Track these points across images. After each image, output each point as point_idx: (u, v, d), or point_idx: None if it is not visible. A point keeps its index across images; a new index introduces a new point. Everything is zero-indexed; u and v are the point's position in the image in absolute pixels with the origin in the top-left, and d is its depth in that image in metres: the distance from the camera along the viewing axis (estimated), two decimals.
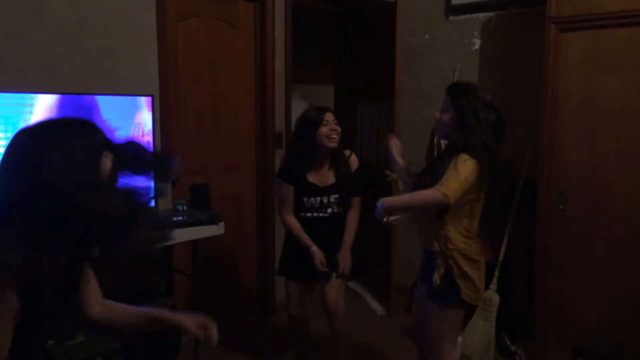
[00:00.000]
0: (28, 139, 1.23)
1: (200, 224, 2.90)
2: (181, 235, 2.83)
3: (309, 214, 2.82)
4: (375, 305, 4.16)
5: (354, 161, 2.88)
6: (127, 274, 3.01)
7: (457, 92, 2.25)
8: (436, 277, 2.23)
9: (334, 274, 2.81)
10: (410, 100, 4.05)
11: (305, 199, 2.78)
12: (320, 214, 2.82)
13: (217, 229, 2.96)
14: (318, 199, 2.78)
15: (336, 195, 2.79)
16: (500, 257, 3.25)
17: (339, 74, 5.12)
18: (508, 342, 3.30)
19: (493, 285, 3.22)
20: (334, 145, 2.69)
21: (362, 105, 4.53)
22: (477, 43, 3.74)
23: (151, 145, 2.89)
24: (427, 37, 3.97)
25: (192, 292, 3.11)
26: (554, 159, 3.03)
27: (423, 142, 3.74)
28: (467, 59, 3.78)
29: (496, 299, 3.21)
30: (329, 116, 2.70)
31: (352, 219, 2.87)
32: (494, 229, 2.45)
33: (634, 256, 2.84)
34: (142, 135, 2.85)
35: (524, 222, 3.26)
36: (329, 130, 2.67)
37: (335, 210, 2.82)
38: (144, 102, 2.86)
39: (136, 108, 2.83)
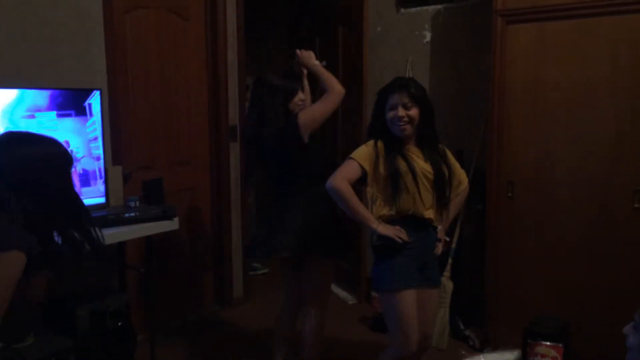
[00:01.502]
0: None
1: (153, 219, 2.85)
2: (135, 231, 2.78)
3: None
4: (344, 295, 4.19)
5: None
6: (80, 271, 2.95)
7: (413, 88, 2.31)
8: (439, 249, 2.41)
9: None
10: None
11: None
12: None
13: (171, 224, 2.92)
14: None
15: None
16: (453, 245, 3.34)
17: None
18: (462, 327, 3.40)
19: (447, 272, 3.30)
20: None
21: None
22: (428, 35, 3.79)
23: (101, 140, 2.82)
24: (379, 29, 4.00)
25: (147, 288, 3.06)
26: (502, 148, 3.11)
27: None
28: (418, 52, 3.84)
29: (450, 285, 3.29)
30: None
31: None
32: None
33: (579, 241, 2.96)
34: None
35: (474, 210, 3.34)
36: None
37: None
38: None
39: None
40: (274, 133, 2.60)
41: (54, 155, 1.64)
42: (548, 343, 2.82)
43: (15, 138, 1.64)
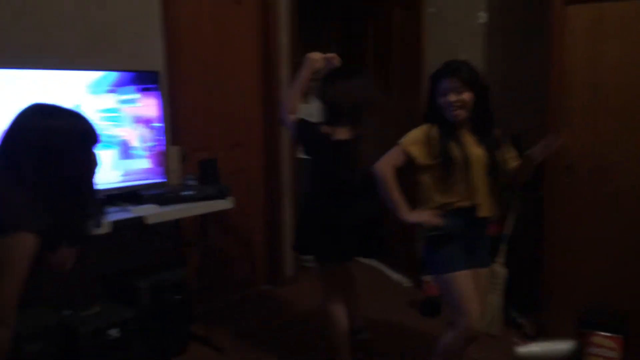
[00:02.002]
0: (33, 114, 1.60)
1: (209, 198, 2.93)
2: (191, 209, 2.87)
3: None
4: (398, 277, 4.21)
5: None
6: (139, 246, 3.08)
7: (465, 71, 2.27)
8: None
9: None
10: None
11: None
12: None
13: (225, 203, 2.99)
14: None
15: None
16: (508, 231, 3.28)
17: (345, 47, 5.10)
18: (515, 314, 3.35)
19: (500, 259, 3.25)
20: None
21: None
22: (484, 16, 3.71)
23: (160, 121, 2.91)
24: (432, 10, 3.94)
25: (202, 264, 3.16)
26: (561, 132, 3.03)
27: None
28: (473, 33, 3.76)
29: (503, 272, 3.25)
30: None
31: None
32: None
33: (639, 228, 2.86)
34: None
35: (531, 196, 3.28)
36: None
37: None
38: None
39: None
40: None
41: (79, 130, 1.63)
42: (606, 334, 2.75)
43: (42, 109, 1.63)
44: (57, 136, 1.56)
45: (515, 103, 3.53)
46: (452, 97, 2.24)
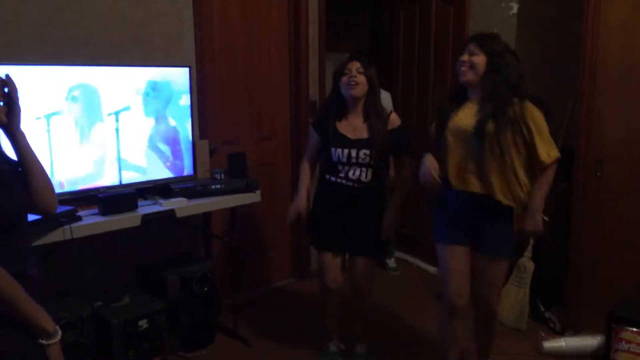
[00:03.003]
0: None
1: (237, 191, 2.97)
2: (219, 202, 2.91)
3: (333, 178, 2.68)
4: (427, 267, 4.25)
5: (393, 120, 2.68)
6: (167, 238, 3.14)
7: (485, 37, 2.31)
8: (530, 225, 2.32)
9: (367, 253, 2.74)
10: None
11: (333, 149, 2.64)
12: (344, 182, 2.65)
13: (253, 197, 3.03)
14: (346, 151, 2.61)
15: (366, 151, 2.59)
16: None
17: (374, 42, 5.09)
18: (542, 309, 3.32)
19: (528, 253, 3.22)
20: (352, 92, 2.59)
21: (400, 74, 4.49)
22: (515, 7, 3.65)
23: (190, 115, 2.96)
24: None
25: (230, 257, 3.21)
26: (592, 125, 2.97)
27: None
28: (504, 24, 3.70)
29: (530, 265, 3.22)
30: (352, 65, 2.61)
31: (403, 177, 2.72)
32: None
33: None
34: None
35: (559, 189, 3.22)
36: (348, 78, 2.60)
37: (363, 175, 2.63)
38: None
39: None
40: None
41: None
42: (635, 329, 2.70)
43: None
44: None
45: (546, 94, 3.46)
46: (464, 57, 2.30)
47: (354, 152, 2.61)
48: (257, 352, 3.07)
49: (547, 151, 2.25)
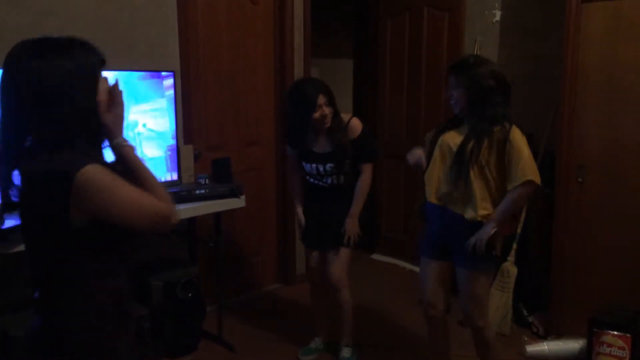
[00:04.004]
0: (27, 53, 1.31)
1: (222, 197, 2.97)
2: (204, 208, 2.91)
3: (311, 180, 2.86)
4: (412, 267, 4.29)
5: (355, 126, 2.76)
6: (153, 244, 3.13)
7: (461, 70, 2.31)
8: (498, 251, 2.36)
9: (342, 246, 2.83)
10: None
11: (304, 163, 2.83)
12: (320, 183, 2.83)
13: (238, 202, 3.03)
14: (314, 165, 2.77)
15: (331, 165, 2.73)
16: (519, 230, 3.28)
17: (360, 47, 5.11)
18: (525, 313, 3.35)
19: (511, 257, 3.25)
20: (327, 126, 2.70)
21: (387, 82, 4.51)
22: (498, 14, 3.70)
23: (174, 120, 2.95)
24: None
25: (215, 262, 3.20)
26: (573, 131, 3.02)
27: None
28: (487, 31, 3.75)
29: (514, 270, 3.24)
30: (321, 99, 2.63)
31: (362, 185, 2.80)
32: None
33: None
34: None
35: (541, 194, 3.26)
36: (320, 115, 2.65)
37: (336, 181, 2.79)
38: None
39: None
40: None
41: (89, 66, 1.36)
42: (615, 332, 2.74)
43: (37, 46, 1.31)
44: (65, 77, 1.30)
45: (528, 101, 3.52)
46: (449, 92, 2.36)
47: (321, 167, 2.77)
48: (242, 358, 3.06)
49: (523, 171, 2.22)
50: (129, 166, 1.39)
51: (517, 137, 2.25)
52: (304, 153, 2.80)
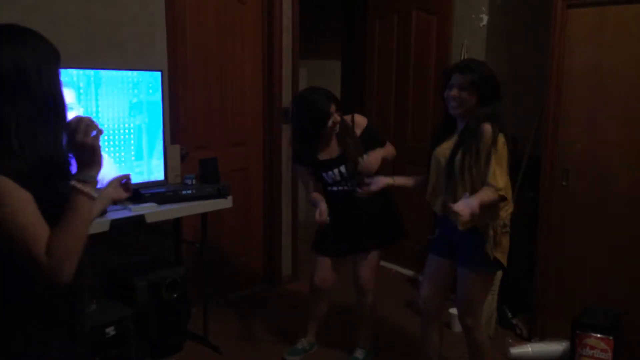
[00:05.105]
0: None
1: (208, 197, 2.96)
2: (191, 208, 2.90)
3: (334, 188, 2.83)
4: (407, 272, 4.33)
5: (360, 121, 2.83)
6: (137, 244, 3.11)
7: (468, 68, 2.31)
8: (489, 252, 2.33)
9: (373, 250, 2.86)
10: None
11: (324, 174, 2.81)
12: (345, 188, 2.80)
13: (225, 202, 3.02)
14: (335, 170, 2.77)
15: (346, 166, 2.76)
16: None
17: (347, 48, 5.13)
18: (509, 315, 3.38)
19: None
20: (337, 131, 2.73)
21: (375, 83, 4.52)
22: (485, 19, 3.73)
23: (161, 120, 2.94)
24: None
25: (201, 263, 3.19)
26: (557, 135, 3.05)
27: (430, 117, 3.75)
28: (474, 35, 3.78)
29: (498, 273, 3.26)
30: (332, 108, 2.66)
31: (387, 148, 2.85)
32: None
33: (634, 231, 2.88)
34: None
35: (526, 197, 3.30)
36: (333, 123, 2.67)
37: (358, 182, 2.72)
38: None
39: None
40: None
41: (45, 48, 1.33)
42: (598, 335, 2.77)
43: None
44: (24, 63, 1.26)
45: (514, 105, 3.55)
46: (454, 92, 2.31)
47: (342, 168, 2.76)
48: (228, 359, 3.04)
49: (496, 182, 2.21)
50: (67, 209, 1.23)
51: (501, 147, 2.24)
52: (320, 166, 2.79)
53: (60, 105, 1.31)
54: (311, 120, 2.67)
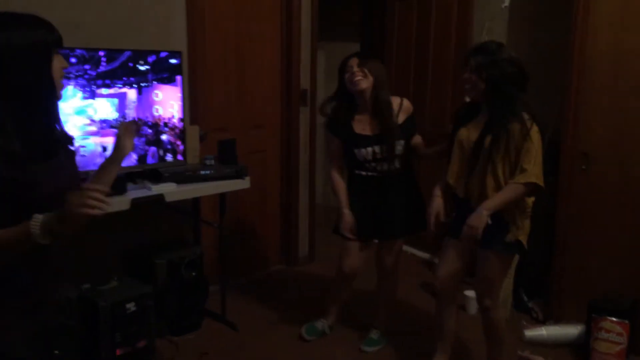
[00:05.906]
0: None
1: (226, 178, 2.99)
2: (209, 188, 2.93)
3: (363, 172, 2.78)
4: (423, 254, 4.35)
5: (408, 106, 2.81)
6: (157, 224, 3.16)
7: (481, 52, 2.29)
8: (511, 236, 2.35)
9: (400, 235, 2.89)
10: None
11: (356, 150, 2.74)
12: (374, 172, 2.76)
13: (243, 183, 3.05)
14: (370, 149, 2.71)
15: (384, 146, 2.70)
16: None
17: (367, 32, 5.09)
18: (525, 298, 3.37)
19: None
20: (357, 87, 2.67)
21: (394, 65, 4.50)
22: (507, 0, 3.67)
23: (180, 101, 2.96)
24: None
25: (219, 243, 3.23)
26: (578, 119, 3.02)
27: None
28: (496, 17, 3.73)
29: (515, 256, 3.26)
30: (352, 61, 2.69)
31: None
32: None
33: None
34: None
35: (546, 181, 3.26)
36: (350, 75, 2.67)
37: (392, 166, 2.74)
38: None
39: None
40: None
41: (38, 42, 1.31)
42: (614, 319, 2.77)
43: None
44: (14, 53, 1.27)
45: (535, 88, 3.49)
46: (466, 75, 2.31)
47: (377, 149, 2.72)
48: (244, 337, 3.10)
49: (531, 171, 2.23)
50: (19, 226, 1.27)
51: (535, 137, 2.24)
52: (355, 139, 2.74)
53: (43, 90, 1.32)
54: (338, 75, 2.75)
